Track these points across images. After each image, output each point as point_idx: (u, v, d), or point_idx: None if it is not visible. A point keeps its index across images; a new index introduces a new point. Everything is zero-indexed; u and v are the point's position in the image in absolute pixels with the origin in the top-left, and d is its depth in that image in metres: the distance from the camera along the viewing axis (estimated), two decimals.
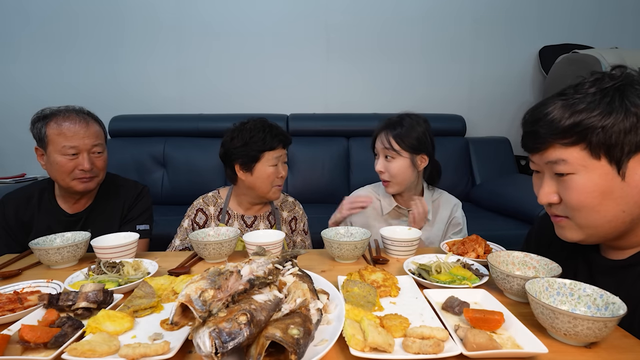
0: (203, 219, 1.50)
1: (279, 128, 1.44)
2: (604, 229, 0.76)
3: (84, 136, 1.28)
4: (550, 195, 0.79)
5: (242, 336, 0.52)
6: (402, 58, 3.15)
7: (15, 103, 2.99)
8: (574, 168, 0.73)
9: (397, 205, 1.46)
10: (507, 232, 2.18)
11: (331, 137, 2.97)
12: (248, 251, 1.10)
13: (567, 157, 0.73)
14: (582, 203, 0.74)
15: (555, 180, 0.78)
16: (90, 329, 0.64)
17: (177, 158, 2.81)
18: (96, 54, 3.00)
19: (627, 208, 0.72)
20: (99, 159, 1.34)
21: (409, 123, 1.38)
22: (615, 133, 0.69)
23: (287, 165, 1.49)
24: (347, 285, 0.82)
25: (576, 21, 3.18)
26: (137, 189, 1.50)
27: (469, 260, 1.00)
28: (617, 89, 0.71)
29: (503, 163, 2.96)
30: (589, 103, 0.71)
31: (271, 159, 1.39)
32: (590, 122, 0.70)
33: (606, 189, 0.72)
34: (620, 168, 0.71)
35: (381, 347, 0.59)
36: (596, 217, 0.74)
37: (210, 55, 3.06)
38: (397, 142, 1.36)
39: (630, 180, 0.71)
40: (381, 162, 1.40)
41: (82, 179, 1.30)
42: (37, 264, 1.08)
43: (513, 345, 0.62)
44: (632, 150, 0.69)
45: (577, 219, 0.77)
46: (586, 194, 0.73)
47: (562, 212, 0.79)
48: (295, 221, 1.56)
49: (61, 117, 1.28)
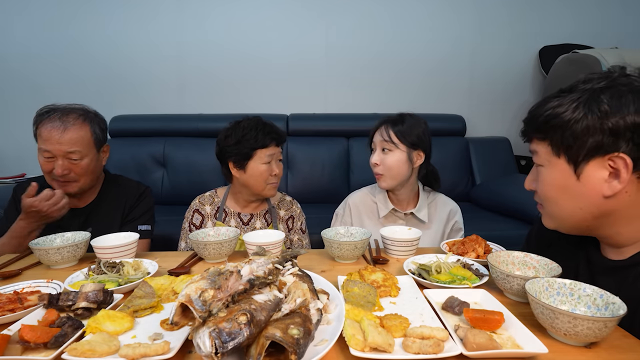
0: (199, 219, 1.51)
1: (273, 126, 1.44)
2: (568, 222, 0.81)
3: (58, 142, 1.26)
4: (531, 182, 0.87)
5: (242, 336, 0.52)
6: (402, 57, 3.14)
7: (15, 103, 2.98)
8: (542, 161, 0.80)
9: (394, 208, 1.46)
10: (507, 232, 2.18)
11: (331, 137, 2.97)
12: (248, 251, 1.10)
13: (539, 150, 0.81)
14: (546, 195, 0.82)
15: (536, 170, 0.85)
16: (90, 329, 0.64)
17: (177, 158, 2.81)
18: (96, 54, 3.00)
19: (584, 206, 0.76)
20: (76, 165, 1.31)
21: (410, 121, 1.39)
22: (572, 134, 0.72)
23: (282, 164, 1.49)
24: (347, 285, 0.82)
25: (576, 21, 3.18)
26: (139, 190, 1.50)
27: (469, 260, 1.00)
28: (595, 90, 0.72)
29: (503, 163, 2.96)
30: (567, 102, 0.74)
31: (263, 156, 1.40)
32: (555, 121, 0.74)
33: (563, 185, 0.77)
34: (577, 169, 0.74)
35: (381, 347, 0.59)
36: (557, 209, 0.81)
37: (211, 55, 3.06)
38: (397, 136, 1.36)
39: (586, 181, 0.74)
40: (377, 155, 1.40)
41: (58, 182, 1.31)
42: (37, 264, 1.08)
43: (513, 345, 0.62)
44: (589, 153, 0.71)
45: (546, 208, 0.84)
46: (548, 186, 0.80)
47: (538, 200, 0.86)
48: (292, 220, 1.57)
49: (47, 119, 1.28)
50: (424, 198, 1.48)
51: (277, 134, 1.44)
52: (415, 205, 1.46)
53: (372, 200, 1.51)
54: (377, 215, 1.48)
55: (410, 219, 1.47)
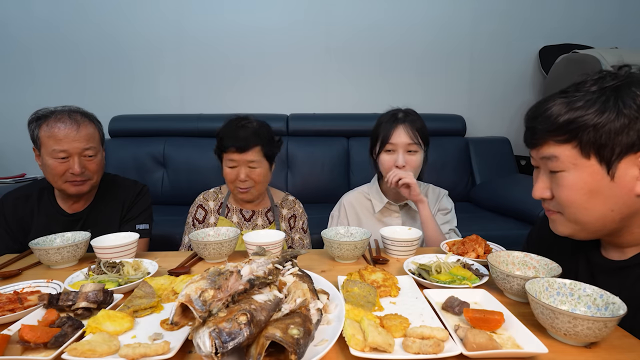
0: (202, 214, 1.52)
1: (245, 131, 1.37)
2: (593, 226, 0.77)
3: (74, 139, 1.26)
4: (544, 190, 0.81)
5: (242, 336, 0.52)
6: (402, 57, 3.15)
7: (15, 103, 2.98)
8: (565, 165, 0.74)
9: (389, 202, 1.47)
10: (507, 232, 2.18)
11: (331, 137, 2.97)
12: (248, 251, 1.10)
13: (559, 154, 0.74)
14: (570, 200, 0.75)
15: (549, 176, 0.79)
16: (90, 329, 0.64)
17: (177, 158, 2.81)
18: (96, 54, 3.00)
19: (616, 207, 0.73)
20: (92, 162, 1.32)
21: (418, 117, 1.41)
22: (606, 133, 0.69)
23: (258, 171, 1.40)
24: (347, 285, 0.82)
25: (576, 21, 3.18)
26: (136, 188, 1.50)
27: (469, 260, 1.00)
28: (614, 89, 0.70)
29: (503, 163, 2.96)
30: (586, 101, 0.71)
31: (227, 160, 1.40)
32: (583, 120, 0.71)
33: (594, 188, 0.72)
34: (610, 168, 0.71)
35: (381, 347, 0.59)
36: (585, 214, 0.75)
37: (211, 55, 3.06)
38: (421, 137, 1.37)
39: (620, 181, 0.71)
40: (402, 156, 1.36)
41: (73, 182, 1.29)
42: (37, 264, 1.08)
43: (513, 345, 0.62)
44: (622, 151, 0.69)
45: (567, 215, 0.78)
46: (575, 191, 0.74)
47: (554, 207, 0.81)
48: (294, 219, 1.57)
49: (52, 119, 1.26)
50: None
51: (244, 141, 1.35)
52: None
53: (366, 198, 1.52)
54: (373, 212, 1.48)
55: (405, 210, 1.48)
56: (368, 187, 1.55)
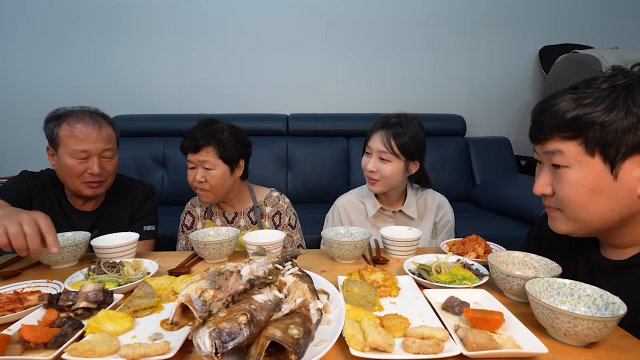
0: (190, 220, 1.54)
1: (200, 131, 1.36)
2: (592, 225, 0.76)
3: (96, 140, 1.26)
4: (545, 186, 0.80)
5: (242, 336, 0.52)
6: (402, 58, 3.15)
7: (15, 103, 2.98)
8: (569, 161, 0.74)
9: (382, 207, 1.46)
10: (507, 232, 2.18)
11: (331, 137, 2.97)
12: (248, 251, 1.10)
13: (564, 149, 0.74)
14: (572, 197, 0.75)
15: (552, 173, 0.79)
16: (90, 329, 0.64)
17: (177, 158, 2.81)
18: (96, 54, 3.00)
19: (617, 207, 0.72)
20: (109, 163, 1.32)
21: (409, 127, 1.35)
22: (612, 131, 0.68)
23: (211, 173, 1.37)
24: (347, 285, 0.82)
25: (576, 21, 3.18)
26: (144, 190, 1.50)
27: (469, 260, 1.00)
28: (625, 86, 0.70)
29: (503, 163, 2.96)
30: (596, 98, 0.70)
31: (187, 161, 1.41)
32: (590, 117, 0.70)
33: (597, 186, 0.72)
34: (614, 168, 0.70)
35: (381, 347, 0.59)
36: (585, 212, 0.75)
37: (211, 55, 3.06)
38: (399, 148, 1.33)
39: (623, 181, 0.70)
40: (374, 162, 1.36)
41: (90, 184, 1.28)
42: (37, 263, 1.08)
43: (513, 345, 0.62)
44: (628, 151, 0.68)
45: (567, 212, 0.78)
46: (577, 189, 0.74)
47: (554, 204, 0.80)
48: (279, 215, 1.53)
49: (74, 119, 1.25)
50: (412, 195, 1.48)
51: (194, 141, 1.35)
52: (404, 202, 1.46)
53: (360, 201, 1.51)
54: (366, 216, 1.48)
55: (399, 216, 1.47)
56: (362, 189, 1.54)
